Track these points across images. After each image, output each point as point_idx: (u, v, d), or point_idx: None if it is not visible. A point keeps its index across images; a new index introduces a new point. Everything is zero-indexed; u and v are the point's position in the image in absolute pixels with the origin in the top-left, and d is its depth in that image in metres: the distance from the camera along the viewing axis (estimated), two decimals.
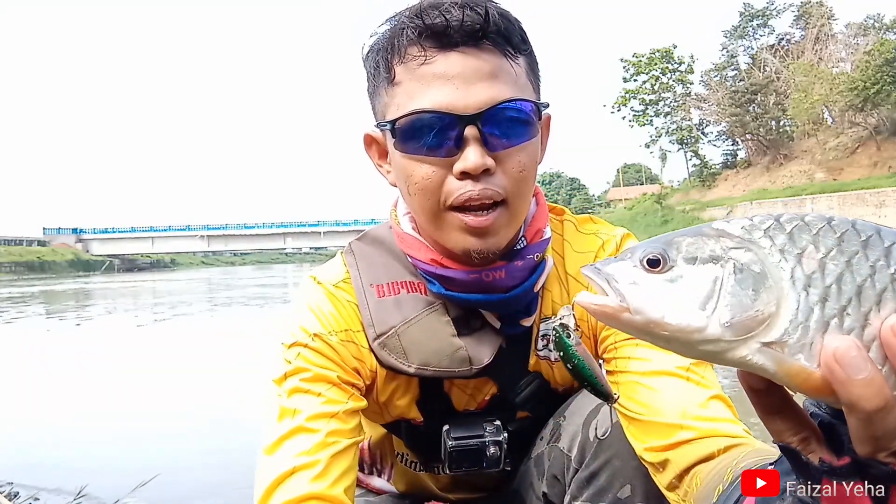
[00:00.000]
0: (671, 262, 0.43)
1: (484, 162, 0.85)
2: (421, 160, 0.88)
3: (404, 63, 0.87)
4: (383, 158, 0.99)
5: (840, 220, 0.43)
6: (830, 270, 0.41)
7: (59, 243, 69.37)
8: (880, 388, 0.39)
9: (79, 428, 3.99)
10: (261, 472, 0.90)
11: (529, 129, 0.89)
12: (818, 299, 0.41)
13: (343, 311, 0.99)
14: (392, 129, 0.89)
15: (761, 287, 0.42)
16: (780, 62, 51.03)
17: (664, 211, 51.04)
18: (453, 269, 0.95)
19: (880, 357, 0.40)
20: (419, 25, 0.85)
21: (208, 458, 3.28)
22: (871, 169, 41.92)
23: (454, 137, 0.85)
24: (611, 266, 0.45)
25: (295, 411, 0.92)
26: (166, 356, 7.12)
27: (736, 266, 0.42)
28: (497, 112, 0.85)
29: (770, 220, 0.44)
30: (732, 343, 0.41)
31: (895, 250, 0.42)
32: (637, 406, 0.89)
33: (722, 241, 0.43)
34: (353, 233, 52.55)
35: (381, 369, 1.00)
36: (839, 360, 0.39)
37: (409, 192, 0.92)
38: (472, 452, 1.01)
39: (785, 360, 0.41)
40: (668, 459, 0.84)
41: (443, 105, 0.85)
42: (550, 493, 1.02)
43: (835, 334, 0.40)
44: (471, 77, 0.85)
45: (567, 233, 1.09)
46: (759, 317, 0.41)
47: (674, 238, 0.45)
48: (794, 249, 0.42)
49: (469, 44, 0.85)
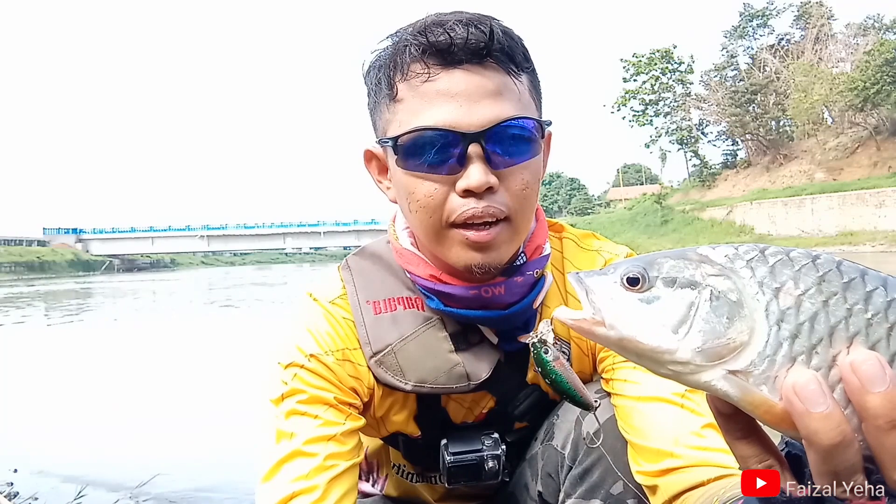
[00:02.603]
0: (650, 283, 0.44)
1: (487, 180, 0.84)
2: (423, 177, 0.87)
3: (407, 80, 0.87)
4: (383, 174, 0.98)
5: (826, 259, 0.43)
6: (806, 308, 0.42)
7: (59, 243, 69.35)
8: (838, 424, 0.39)
9: (79, 428, 3.99)
10: (260, 499, 0.89)
11: (532, 146, 0.89)
12: (789, 335, 0.41)
13: (339, 329, 0.99)
14: (394, 146, 0.88)
15: (735, 316, 0.42)
16: (780, 62, 51.00)
17: (664, 211, 51.03)
18: (452, 284, 0.95)
19: (844, 398, 0.40)
20: (423, 43, 0.85)
21: (208, 457, 3.28)
22: (870, 169, 41.89)
23: (457, 155, 0.85)
24: (592, 279, 0.46)
25: (292, 434, 0.91)
26: (166, 356, 7.12)
27: (713, 293, 0.43)
28: (501, 130, 0.85)
29: (755, 251, 0.44)
30: (700, 367, 0.42)
31: (875, 296, 0.42)
32: (631, 430, 0.90)
33: (703, 266, 0.44)
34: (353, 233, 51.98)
35: (378, 386, 0.99)
36: (798, 393, 0.39)
37: (410, 209, 0.91)
38: (470, 467, 1.01)
39: (749, 389, 0.41)
40: (657, 485, 0.85)
41: (446, 122, 0.84)
42: (545, 492, 1.02)
43: (799, 369, 0.41)
44: (474, 94, 0.85)
45: (567, 250, 1.09)
46: (730, 345, 0.42)
47: (657, 259, 0.45)
48: (773, 283, 0.42)
49: (473, 61, 0.85)
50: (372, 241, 1.10)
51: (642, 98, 52.22)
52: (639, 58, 51.85)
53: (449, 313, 0.97)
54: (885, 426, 0.38)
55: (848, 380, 0.39)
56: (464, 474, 1.01)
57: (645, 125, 52.99)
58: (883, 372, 0.39)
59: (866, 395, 0.39)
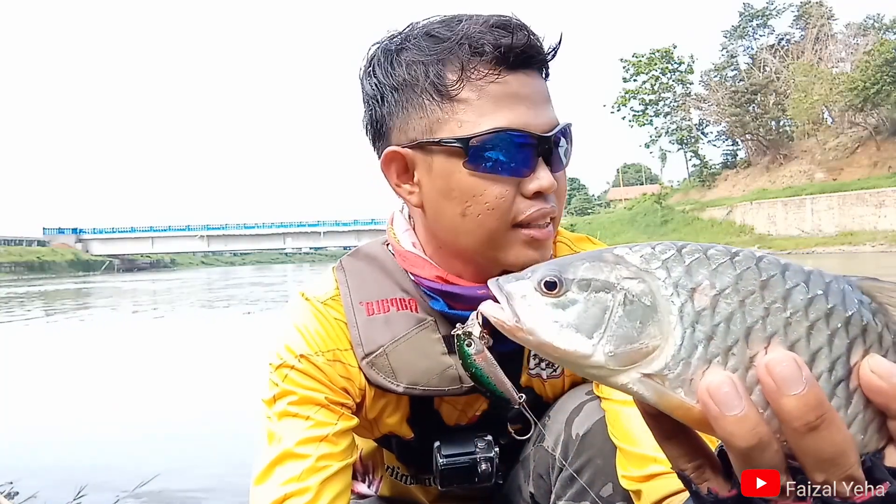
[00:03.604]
0: (566, 287, 0.43)
1: (554, 182, 0.87)
2: (495, 179, 0.86)
3: (470, 80, 0.85)
4: (404, 177, 0.94)
5: (746, 255, 0.43)
6: (721, 309, 0.41)
7: (59, 243, 69.33)
8: (754, 426, 0.38)
9: (79, 428, 3.99)
10: (253, 501, 0.90)
11: (571, 151, 0.93)
12: (704, 337, 0.41)
13: (330, 329, 0.99)
14: (465, 147, 0.86)
15: (649, 320, 0.42)
16: (780, 62, 51.00)
17: (664, 211, 51.03)
18: (461, 285, 0.95)
19: (763, 400, 0.40)
20: (489, 43, 0.85)
21: (209, 457, 3.29)
22: (870, 169, 41.89)
23: (530, 157, 0.86)
24: (511, 284, 0.46)
25: (284, 436, 0.92)
26: (166, 355, 7.12)
27: (627, 297, 0.42)
28: (559, 135, 0.89)
29: (671, 250, 0.44)
30: (615, 371, 0.42)
31: (795, 293, 0.41)
32: (619, 434, 0.90)
33: (618, 269, 0.43)
34: (353, 233, 52.01)
35: (370, 387, 0.99)
36: (712, 396, 0.39)
37: (469, 213, 0.88)
38: (463, 470, 1.01)
39: (665, 392, 0.41)
40: (640, 490, 0.86)
41: (520, 124, 0.85)
42: (537, 494, 1.03)
43: (714, 370, 0.40)
44: (537, 99, 0.87)
45: (561, 254, 1.09)
46: (642, 349, 0.41)
47: (573, 262, 0.45)
48: (688, 283, 0.42)
49: (528, 66, 0.87)
50: (367, 243, 1.10)
51: (642, 98, 52.25)
52: (639, 58, 51.87)
53: (451, 315, 0.97)
54: (802, 429, 0.38)
55: (764, 381, 0.39)
56: (457, 476, 1.01)
57: (645, 125, 53.05)
58: (799, 373, 0.38)
59: (782, 398, 0.38)
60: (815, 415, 0.38)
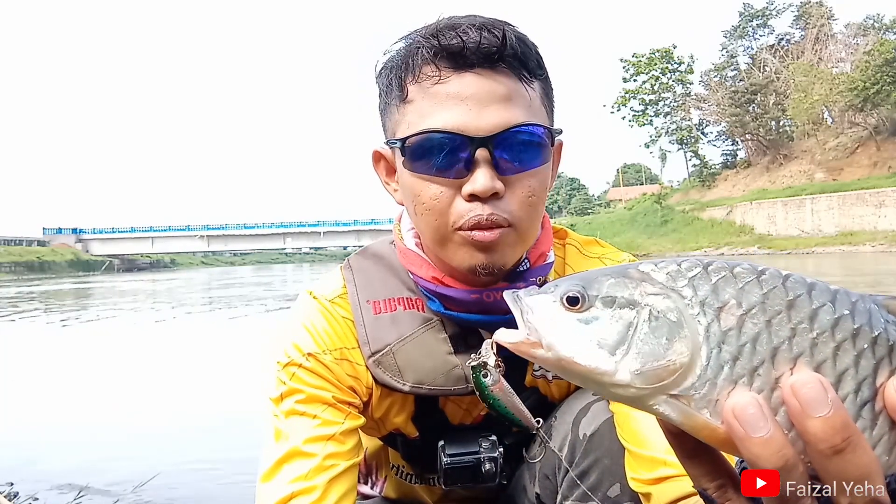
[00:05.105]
0: (589, 303, 0.43)
1: (493, 185, 0.84)
2: (430, 180, 0.87)
3: (418, 82, 0.86)
4: (391, 176, 0.97)
5: (772, 273, 0.42)
6: (748, 329, 0.41)
7: (59, 243, 69.29)
8: (780, 448, 0.38)
9: (79, 428, 3.99)
10: (260, 499, 0.90)
11: (541, 154, 0.88)
12: (730, 357, 0.40)
13: (338, 328, 0.99)
14: (402, 148, 0.87)
15: (675, 337, 0.41)
16: (780, 62, 51.01)
17: (664, 211, 51.08)
18: (454, 287, 0.95)
19: (788, 421, 0.39)
20: (435, 45, 0.84)
21: (209, 457, 3.28)
22: (870, 169, 41.92)
23: (464, 159, 0.84)
24: (532, 298, 0.45)
25: (291, 434, 0.91)
26: (166, 355, 7.12)
27: (652, 313, 0.42)
28: (509, 135, 0.84)
29: (698, 267, 0.43)
30: (642, 390, 0.41)
31: (822, 313, 0.40)
32: (627, 437, 0.90)
33: (643, 285, 0.43)
34: (353, 233, 51.95)
35: (376, 386, 0.99)
36: (738, 417, 0.39)
37: (416, 212, 0.91)
38: (467, 469, 1.01)
39: (690, 413, 0.41)
40: (650, 493, 0.85)
41: (455, 126, 0.83)
42: (543, 494, 1.02)
43: (740, 391, 0.40)
44: (484, 99, 0.84)
45: (570, 257, 1.08)
46: (669, 367, 0.41)
47: (598, 276, 0.44)
48: (715, 302, 0.41)
49: (485, 66, 0.84)
50: (375, 242, 1.10)
51: (642, 98, 52.29)
52: (639, 58, 51.91)
53: (449, 316, 0.97)
54: (828, 451, 0.38)
55: (789, 403, 0.39)
56: (460, 476, 1.01)
57: (645, 125, 53.09)
58: (825, 395, 0.38)
59: (807, 420, 0.38)
60: (840, 437, 0.37)
